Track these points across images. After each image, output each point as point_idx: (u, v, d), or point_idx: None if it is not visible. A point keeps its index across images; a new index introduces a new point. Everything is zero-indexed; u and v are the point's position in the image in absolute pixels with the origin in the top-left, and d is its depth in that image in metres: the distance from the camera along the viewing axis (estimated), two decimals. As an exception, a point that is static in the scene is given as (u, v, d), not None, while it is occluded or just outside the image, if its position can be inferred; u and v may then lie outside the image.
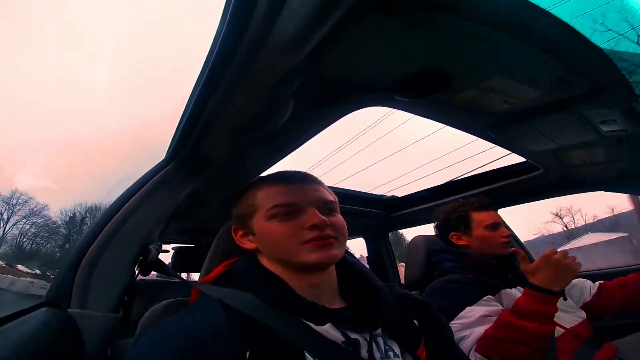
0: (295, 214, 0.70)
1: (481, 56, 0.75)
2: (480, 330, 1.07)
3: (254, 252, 0.76)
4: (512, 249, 1.28)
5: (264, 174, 1.21)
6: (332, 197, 0.76)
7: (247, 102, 0.77)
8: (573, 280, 1.43)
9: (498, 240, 1.33)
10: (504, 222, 1.41)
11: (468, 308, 1.13)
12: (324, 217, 0.69)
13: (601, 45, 0.79)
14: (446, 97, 0.88)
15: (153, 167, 0.97)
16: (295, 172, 0.79)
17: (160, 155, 1.01)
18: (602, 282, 1.41)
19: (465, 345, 1.05)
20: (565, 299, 1.04)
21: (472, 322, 1.10)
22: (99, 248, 0.85)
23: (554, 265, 1.02)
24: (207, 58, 0.70)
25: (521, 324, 0.97)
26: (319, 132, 0.98)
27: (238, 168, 1.06)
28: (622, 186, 1.66)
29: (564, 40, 0.74)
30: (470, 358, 1.02)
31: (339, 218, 0.73)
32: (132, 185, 0.93)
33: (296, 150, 1.03)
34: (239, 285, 0.68)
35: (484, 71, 0.80)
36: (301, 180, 0.76)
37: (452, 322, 1.10)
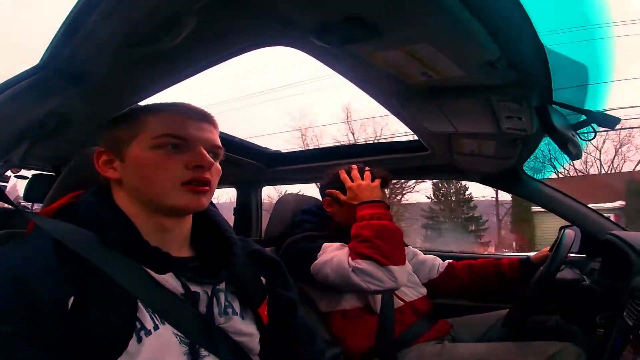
0: (182, 150, 0.64)
1: (416, 16, 0.69)
2: (342, 251, 1.17)
3: (107, 186, 0.68)
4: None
5: (146, 102, 1.06)
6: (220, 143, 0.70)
7: (143, 11, 0.63)
8: (424, 257, 1.55)
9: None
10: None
11: (325, 244, 1.23)
12: (211, 160, 0.64)
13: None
14: (364, 53, 0.82)
15: (22, 72, 0.80)
16: (195, 106, 0.71)
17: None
18: (451, 261, 1.54)
19: (336, 262, 1.14)
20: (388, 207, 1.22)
21: (333, 249, 1.20)
22: None
23: (356, 188, 1.25)
24: None
25: (375, 223, 1.14)
26: (219, 62, 0.86)
27: (117, 88, 0.91)
28: (498, 183, 1.82)
29: (509, 21, 0.71)
30: (347, 268, 1.10)
31: (218, 167, 0.68)
32: None
33: (187, 79, 0.90)
34: (80, 221, 0.62)
35: (414, 33, 0.74)
36: (200, 117, 0.68)
37: (315, 261, 1.18)
